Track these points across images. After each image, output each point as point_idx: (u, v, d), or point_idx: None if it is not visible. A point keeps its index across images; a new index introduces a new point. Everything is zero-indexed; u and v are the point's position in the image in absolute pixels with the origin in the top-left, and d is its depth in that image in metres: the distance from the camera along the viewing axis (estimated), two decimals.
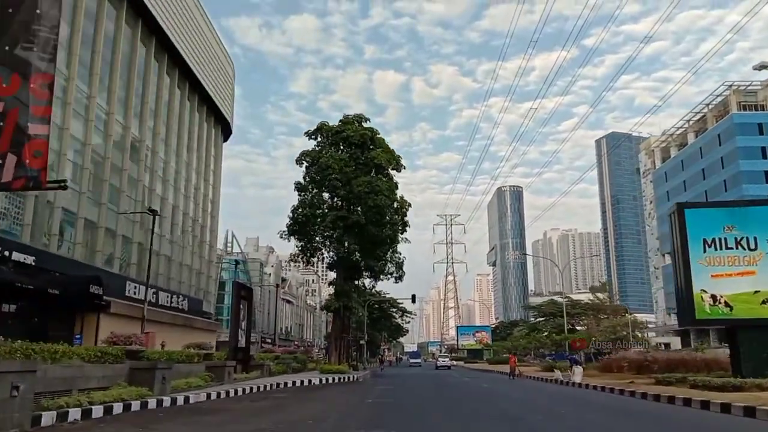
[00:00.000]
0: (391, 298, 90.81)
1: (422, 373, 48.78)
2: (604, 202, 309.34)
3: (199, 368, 21.88)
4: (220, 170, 56.62)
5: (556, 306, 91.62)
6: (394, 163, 36.64)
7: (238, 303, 26.65)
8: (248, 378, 25.89)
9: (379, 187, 33.77)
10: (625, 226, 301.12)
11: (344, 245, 34.87)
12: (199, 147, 50.41)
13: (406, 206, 37.53)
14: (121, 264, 37.95)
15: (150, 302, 39.60)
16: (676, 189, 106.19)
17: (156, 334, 26.29)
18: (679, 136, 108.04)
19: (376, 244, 35.61)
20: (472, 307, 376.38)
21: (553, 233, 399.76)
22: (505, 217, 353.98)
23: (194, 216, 49.44)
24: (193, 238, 50.01)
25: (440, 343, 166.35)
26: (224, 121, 55.75)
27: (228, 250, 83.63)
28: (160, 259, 42.30)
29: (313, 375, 32.21)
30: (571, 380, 26.52)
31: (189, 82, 47.21)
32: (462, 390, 24.14)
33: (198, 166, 50.26)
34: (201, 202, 51.42)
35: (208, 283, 53.73)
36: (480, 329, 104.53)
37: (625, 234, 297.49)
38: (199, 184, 50.32)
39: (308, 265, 39.60)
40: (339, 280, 37.23)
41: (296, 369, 36.82)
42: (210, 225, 53.71)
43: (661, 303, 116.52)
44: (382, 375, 42.98)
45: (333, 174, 33.44)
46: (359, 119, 37.42)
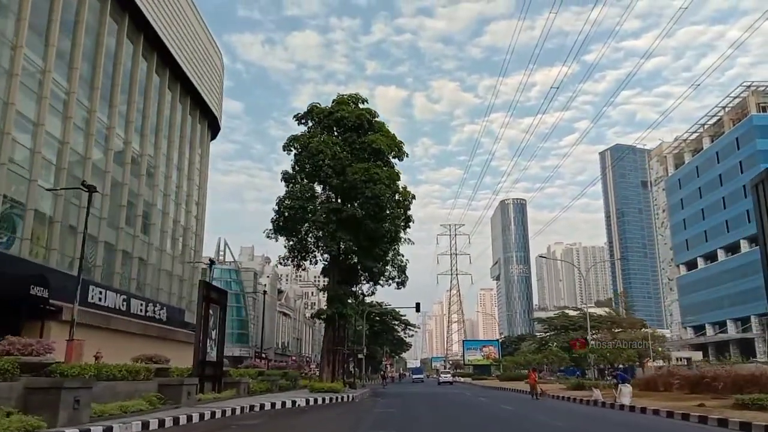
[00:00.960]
0: (393, 310, 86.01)
1: (428, 391, 43.70)
2: (609, 215, 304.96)
3: (149, 387, 17.16)
4: (207, 170, 52.15)
5: (568, 319, 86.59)
6: (396, 150, 31.85)
7: (207, 307, 21.93)
8: (218, 399, 21.11)
9: (378, 175, 29.00)
10: (630, 239, 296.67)
11: (338, 243, 30.02)
12: (181, 141, 45.95)
13: (409, 198, 32.51)
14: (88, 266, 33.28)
15: (119, 310, 34.97)
16: (690, 196, 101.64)
17: (85, 343, 21.48)
18: (693, 142, 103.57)
19: (375, 242, 30.80)
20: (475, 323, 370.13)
21: (557, 247, 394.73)
22: (509, 230, 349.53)
23: (176, 217, 44.87)
24: (175, 241, 45.41)
25: (444, 358, 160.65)
26: (211, 116, 51.33)
27: (220, 259, 78.93)
28: (132, 261, 37.69)
29: (301, 394, 27.41)
30: (617, 401, 21.79)
31: (169, 68, 42.85)
32: (482, 414, 19.38)
33: (180, 162, 45.77)
34: (184, 203, 46.87)
35: (192, 292, 48.97)
36: (487, 343, 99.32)
37: (631, 247, 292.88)
38: (181, 182, 45.79)
39: (299, 269, 34.80)
40: (332, 283, 32.40)
41: (284, 387, 32.03)
42: (195, 228, 49.13)
43: (675, 316, 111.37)
44: (384, 393, 38.07)
45: (325, 160, 28.77)
46: (355, 99, 32.62)
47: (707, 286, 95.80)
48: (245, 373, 28.71)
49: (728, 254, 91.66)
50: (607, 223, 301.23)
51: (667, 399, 20.90)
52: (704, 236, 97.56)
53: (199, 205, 49.79)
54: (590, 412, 20.60)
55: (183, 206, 45.62)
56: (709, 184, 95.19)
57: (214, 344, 22.89)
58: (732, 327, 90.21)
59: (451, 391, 42.11)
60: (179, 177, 45.57)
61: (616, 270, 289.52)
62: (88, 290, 31.36)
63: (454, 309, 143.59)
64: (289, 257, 34.90)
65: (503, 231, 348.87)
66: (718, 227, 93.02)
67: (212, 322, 22.53)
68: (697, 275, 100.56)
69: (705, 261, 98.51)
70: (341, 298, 31.07)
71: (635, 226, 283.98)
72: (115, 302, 34.01)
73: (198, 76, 46.57)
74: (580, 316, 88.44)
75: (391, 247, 33.49)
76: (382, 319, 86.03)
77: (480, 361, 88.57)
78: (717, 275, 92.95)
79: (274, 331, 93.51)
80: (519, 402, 25.61)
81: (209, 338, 22.22)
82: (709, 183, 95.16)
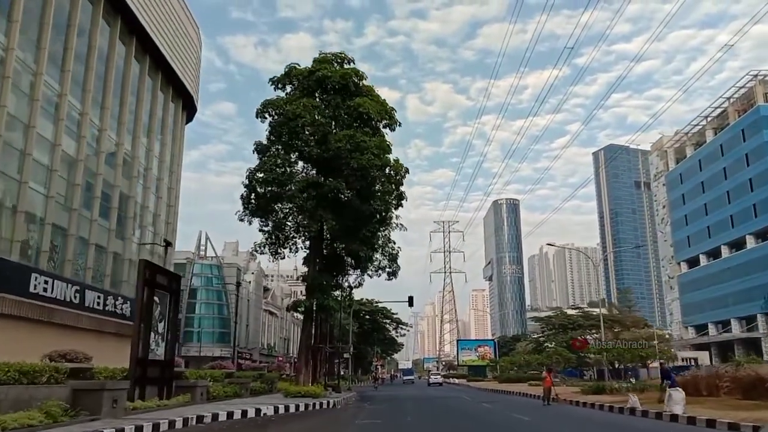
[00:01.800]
0: (383, 308, 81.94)
1: (421, 394, 39.47)
2: (603, 216, 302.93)
3: (58, 393, 12.95)
4: (181, 153, 47.76)
5: (567, 318, 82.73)
6: (387, 118, 27.56)
7: (150, 293, 17.73)
8: (163, 407, 16.95)
9: (366, 143, 24.60)
10: (624, 239, 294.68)
11: (319, 223, 25.66)
12: (151, 119, 41.60)
13: (401, 172, 27.56)
14: (30, 251, 29.03)
15: (71, 303, 30.74)
16: (693, 191, 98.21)
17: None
18: (695, 135, 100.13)
19: (362, 222, 26.46)
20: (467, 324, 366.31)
21: (549, 248, 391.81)
22: (502, 230, 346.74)
23: (144, 202, 40.52)
24: (143, 229, 41.11)
25: (437, 359, 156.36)
26: (186, 95, 46.98)
27: (201, 254, 74.51)
28: (89, 248, 33.37)
29: (272, 400, 23.25)
30: (667, 410, 16.95)
31: (137, 37, 38.52)
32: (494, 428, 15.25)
33: (149, 143, 41.42)
34: (154, 187, 42.56)
35: None
36: (483, 343, 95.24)
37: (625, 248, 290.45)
38: (150, 164, 41.43)
39: (276, 257, 30.63)
40: (312, 270, 28.07)
41: (257, 391, 27.86)
42: (166, 216, 44.77)
43: (676, 315, 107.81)
44: (372, 398, 33.89)
45: (304, 126, 24.51)
46: (340, 59, 27.99)
47: (710, 283, 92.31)
48: (209, 374, 24.49)
49: (732, 250, 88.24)
50: (600, 224, 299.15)
51: (723, 406, 16.74)
52: (707, 232, 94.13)
53: (171, 191, 45.46)
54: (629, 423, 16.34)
55: (151, 190, 41.24)
56: (713, 179, 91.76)
57: (162, 339, 18.67)
58: (736, 326, 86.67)
59: (448, 394, 37.91)
60: (148, 158, 41.22)
61: (609, 271, 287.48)
62: (29, 279, 27.20)
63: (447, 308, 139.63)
64: (265, 244, 30.68)
65: (496, 231, 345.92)
66: (722, 223, 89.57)
67: (158, 312, 18.31)
68: (699, 273, 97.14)
69: (707, 258, 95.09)
70: (323, 287, 26.80)
71: (628, 227, 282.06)
72: (65, 293, 29.71)
73: (170, 48, 42.25)
74: (580, 315, 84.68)
75: (380, 228, 29.23)
76: (372, 318, 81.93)
77: (475, 362, 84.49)
78: (721, 272, 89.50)
79: (260, 331, 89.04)
80: (532, 410, 21.31)
81: (154, 332, 18.02)
82: (713, 177, 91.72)
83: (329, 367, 41.31)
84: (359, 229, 26.54)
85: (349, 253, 29.32)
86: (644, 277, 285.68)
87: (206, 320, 70.23)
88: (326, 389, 28.50)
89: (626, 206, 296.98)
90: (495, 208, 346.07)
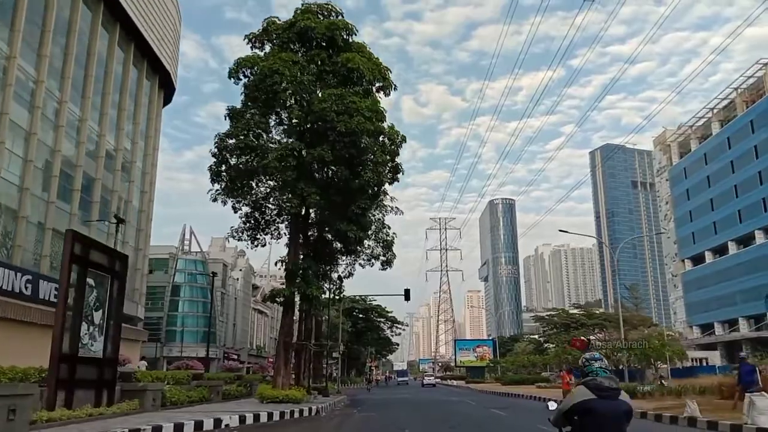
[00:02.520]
0: (378, 306, 78.20)
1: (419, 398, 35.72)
2: (599, 216, 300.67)
3: None
4: (157, 134, 44.05)
5: (569, 316, 79.22)
6: (380, 78, 23.74)
7: (82, 274, 14.01)
8: (96, 416, 13.25)
9: (356, 104, 20.86)
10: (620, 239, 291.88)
11: (300, 198, 21.76)
12: (121, 95, 37.90)
13: (397, 140, 23.49)
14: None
15: (22, 294, 27.03)
16: (698, 186, 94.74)
17: None
18: (700, 128, 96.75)
19: (351, 196, 22.54)
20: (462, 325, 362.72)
21: (545, 248, 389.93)
22: (498, 230, 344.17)
23: (112, 186, 36.80)
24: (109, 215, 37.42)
25: (433, 360, 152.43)
26: (163, 72, 43.26)
27: (184, 249, 70.59)
28: (45, 234, 29.64)
29: (245, 406, 19.56)
30: (749, 422, 12.84)
31: (104, 2, 34.80)
32: None
33: (120, 121, 37.71)
34: (123, 170, 38.89)
35: (140, 280, 40.97)
36: (481, 343, 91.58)
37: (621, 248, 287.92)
38: (120, 144, 37.68)
39: (255, 244, 26.80)
40: (293, 254, 24.24)
41: (231, 395, 24.17)
42: (141, 204, 41.06)
43: (680, 314, 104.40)
44: (364, 402, 30.22)
45: (282, 84, 20.74)
46: (327, 10, 23.88)
47: (716, 281, 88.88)
48: (170, 376, 20.79)
49: (740, 247, 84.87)
50: (596, 224, 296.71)
51: None
52: (713, 228, 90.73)
53: (146, 176, 41.75)
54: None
55: (119, 172, 37.47)
56: (719, 172, 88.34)
57: (100, 333, 14.96)
58: (744, 325, 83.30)
59: (448, 398, 34.11)
60: (118, 138, 37.50)
61: (606, 271, 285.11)
62: None
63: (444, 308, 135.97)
64: (243, 229, 26.91)
65: (492, 231, 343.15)
66: (729, 218, 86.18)
67: (93, 298, 14.59)
68: (704, 270, 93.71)
69: (713, 255, 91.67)
70: (306, 274, 23.04)
71: (625, 227, 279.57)
72: (13, 284, 25.97)
73: (143, 17, 38.52)
74: (582, 314, 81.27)
75: (372, 205, 25.44)
76: (366, 317, 78.20)
77: (473, 363, 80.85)
78: (727, 269, 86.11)
79: (249, 331, 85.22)
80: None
81: (87, 322, 14.31)
82: (719, 171, 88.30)
83: (316, 367, 37.57)
84: (347, 206, 22.70)
85: (336, 235, 25.42)
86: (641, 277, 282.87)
87: (189, 319, 66.34)
88: (310, 393, 24.76)
89: (623, 206, 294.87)
90: (491, 207, 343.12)
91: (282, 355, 23.17)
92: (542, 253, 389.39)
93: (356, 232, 23.10)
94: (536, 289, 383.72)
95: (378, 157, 21.77)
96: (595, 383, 3.95)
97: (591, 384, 3.95)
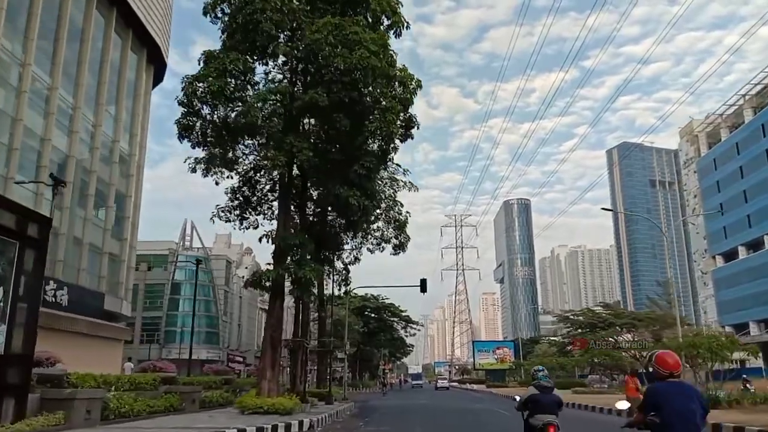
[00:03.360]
0: (391, 305, 73.67)
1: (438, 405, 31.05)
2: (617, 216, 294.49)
3: None
4: (145, 113, 39.95)
5: (596, 316, 74.16)
6: (389, 12, 19.10)
7: None
8: None
9: (357, 35, 16.29)
10: (639, 239, 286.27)
11: (290, 155, 17.21)
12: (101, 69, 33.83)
13: (411, 85, 18.71)
14: None
15: None
16: (729, 177, 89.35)
17: None
18: (730, 116, 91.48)
19: (352, 153, 18.39)
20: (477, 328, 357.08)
21: (561, 250, 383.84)
22: (513, 231, 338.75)
23: (90, 167, 32.70)
24: (97, 204, 33.49)
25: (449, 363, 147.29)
26: (152, 46, 39.14)
27: (186, 245, 66.65)
28: None
29: (219, 419, 15.23)
30: None
31: None
32: None
33: (99, 95, 33.64)
34: (114, 157, 34.90)
35: (126, 274, 36.88)
36: (502, 344, 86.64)
37: (640, 248, 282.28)
38: (100, 120, 33.59)
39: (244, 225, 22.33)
40: (281, 228, 19.77)
41: (211, 403, 19.88)
42: (126, 189, 36.96)
43: (711, 314, 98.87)
44: (375, 410, 25.78)
45: (267, 11, 16.33)
46: None
47: (751, 278, 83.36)
48: (128, 380, 16.50)
49: None
50: (614, 224, 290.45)
51: None
52: (747, 221, 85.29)
53: (132, 158, 37.66)
54: None
55: (98, 150, 33.34)
56: (754, 162, 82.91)
57: (1, 322, 10.67)
58: None
59: (472, 405, 29.22)
60: (98, 113, 33.42)
61: (625, 272, 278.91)
62: None
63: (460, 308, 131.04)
64: (230, 208, 22.61)
65: (507, 232, 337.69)
66: (764, 210, 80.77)
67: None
68: (737, 266, 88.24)
69: (747, 250, 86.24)
70: (299, 253, 18.55)
71: (644, 226, 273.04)
72: None
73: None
74: (609, 313, 76.16)
75: (380, 165, 20.56)
76: (378, 316, 73.63)
77: (493, 365, 75.91)
78: (764, 265, 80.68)
79: (255, 332, 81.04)
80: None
81: None
82: (754, 160, 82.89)
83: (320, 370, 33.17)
84: (349, 165, 18.08)
85: (336, 207, 20.68)
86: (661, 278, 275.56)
87: (190, 318, 62.05)
88: (306, 401, 20.26)
89: (641, 205, 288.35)
90: (506, 208, 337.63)
91: (268, 353, 18.68)
92: (558, 255, 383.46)
93: (360, 200, 18.36)
94: (552, 291, 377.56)
95: (386, 103, 17.25)
96: (539, 384, 7.59)
97: (536, 385, 7.61)
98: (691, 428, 4.50)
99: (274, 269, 18.46)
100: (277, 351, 19.33)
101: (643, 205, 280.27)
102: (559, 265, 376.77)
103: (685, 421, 4.45)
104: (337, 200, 18.89)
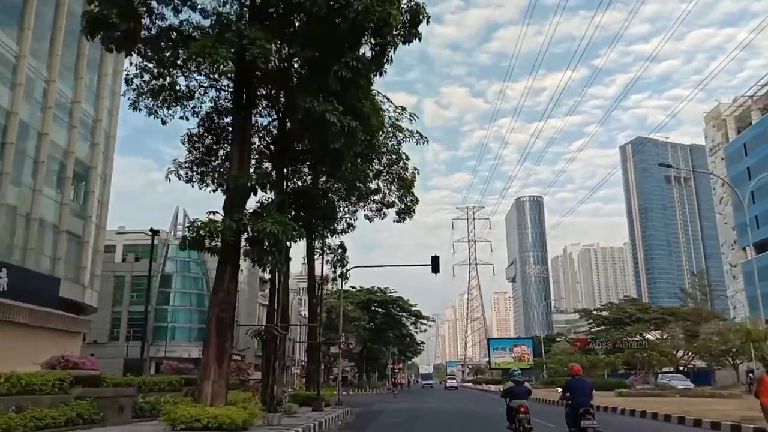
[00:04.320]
0: (399, 298, 68.44)
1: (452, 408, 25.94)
2: (631, 212, 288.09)
3: None
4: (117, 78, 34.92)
5: (621, 310, 68.67)
6: None
7: None
8: None
9: None
10: (654, 236, 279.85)
11: (239, 45, 11.44)
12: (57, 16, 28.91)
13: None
14: None
15: None
16: (762, 162, 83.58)
17: None
18: (762, 98, 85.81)
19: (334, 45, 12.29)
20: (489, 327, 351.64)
21: (574, 248, 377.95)
22: (525, 229, 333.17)
23: (42, 129, 27.78)
24: (62, 180, 28.67)
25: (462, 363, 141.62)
26: None
27: (178, 234, 61.78)
28: None
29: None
30: None
31: None
32: None
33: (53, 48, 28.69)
34: (74, 121, 29.96)
35: (93, 258, 31.98)
36: (519, 342, 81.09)
37: (655, 246, 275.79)
38: (53, 76, 28.63)
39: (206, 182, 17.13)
40: (234, 161, 14.08)
41: (154, 410, 14.91)
42: (91, 160, 32.02)
43: (741, 309, 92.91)
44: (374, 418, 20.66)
45: None
46: None
47: None
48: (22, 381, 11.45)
49: None
50: (629, 221, 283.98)
51: None
52: None
53: (98, 124, 32.71)
54: None
55: (51, 109, 28.37)
56: None
57: None
58: None
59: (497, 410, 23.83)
60: (50, 67, 28.48)
61: (640, 269, 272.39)
62: None
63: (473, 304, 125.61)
64: (190, 161, 17.56)
65: (519, 230, 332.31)
66: None
67: None
68: None
69: None
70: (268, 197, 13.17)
71: (659, 223, 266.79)
72: None
73: None
74: (637, 308, 70.62)
75: (373, 68, 14.43)
76: (386, 310, 68.37)
77: (510, 364, 70.31)
78: None
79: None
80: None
81: None
82: None
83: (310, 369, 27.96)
84: (327, 67, 12.38)
85: (309, 129, 14.13)
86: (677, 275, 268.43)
87: (182, 313, 57.39)
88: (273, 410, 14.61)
89: (656, 202, 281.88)
90: (518, 205, 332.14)
91: (213, 342, 13.16)
92: (571, 253, 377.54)
93: (342, 119, 12.61)
94: (565, 290, 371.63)
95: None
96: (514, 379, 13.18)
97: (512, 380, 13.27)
98: None
99: (224, 220, 13.15)
100: (226, 339, 13.80)
101: (658, 202, 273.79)
102: (572, 263, 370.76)
103: None
104: (309, 118, 13.33)
